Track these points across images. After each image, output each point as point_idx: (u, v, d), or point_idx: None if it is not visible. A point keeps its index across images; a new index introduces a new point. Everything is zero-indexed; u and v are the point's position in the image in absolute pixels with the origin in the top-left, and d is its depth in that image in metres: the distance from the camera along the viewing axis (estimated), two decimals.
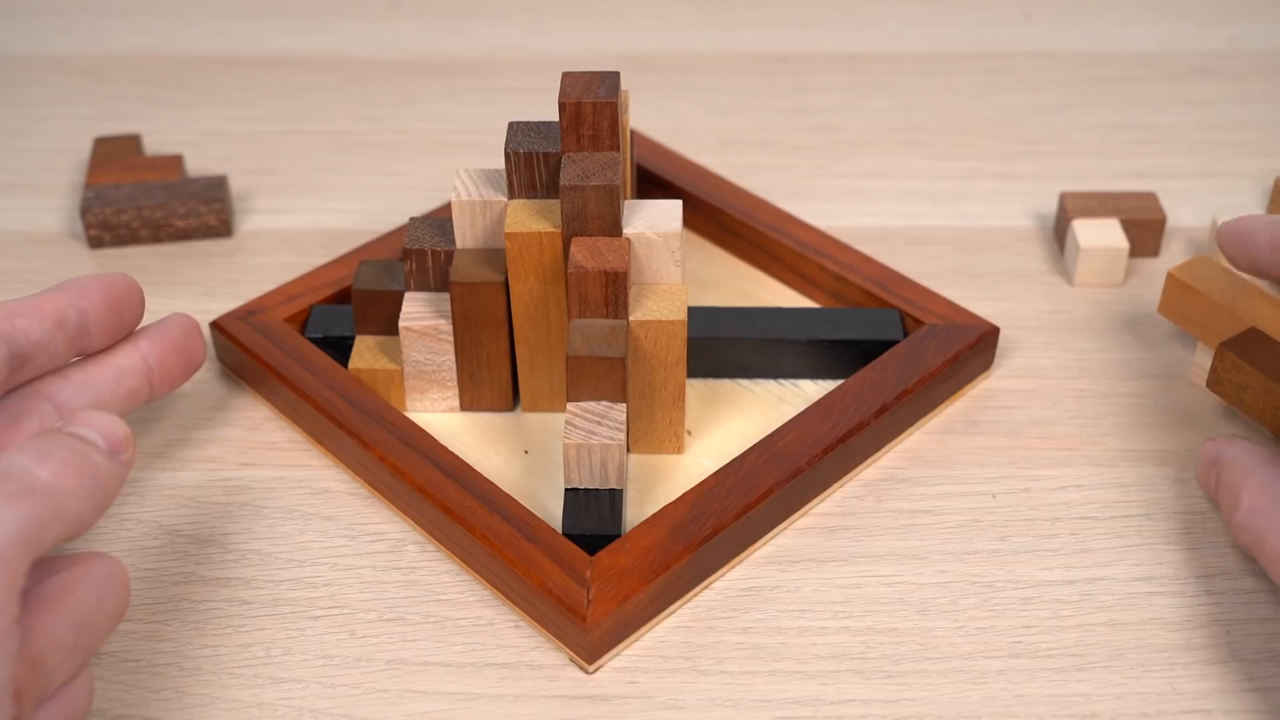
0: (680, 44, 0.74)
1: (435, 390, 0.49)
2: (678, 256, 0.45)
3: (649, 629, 0.42)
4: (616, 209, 0.44)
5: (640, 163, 0.58)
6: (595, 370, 0.43)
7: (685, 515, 0.42)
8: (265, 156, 0.65)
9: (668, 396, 0.46)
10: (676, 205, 0.46)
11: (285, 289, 0.52)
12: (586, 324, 0.44)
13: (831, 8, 0.77)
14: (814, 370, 0.50)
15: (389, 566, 0.44)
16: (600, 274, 0.43)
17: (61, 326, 0.42)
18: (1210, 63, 0.71)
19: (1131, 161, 0.64)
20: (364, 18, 0.76)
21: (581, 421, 0.43)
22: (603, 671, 0.41)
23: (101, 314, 0.43)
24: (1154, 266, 0.57)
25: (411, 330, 0.47)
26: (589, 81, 0.45)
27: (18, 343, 0.41)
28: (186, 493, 0.47)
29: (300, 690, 0.40)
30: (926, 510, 0.46)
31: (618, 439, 0.43)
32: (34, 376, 0.42)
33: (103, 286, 0.44)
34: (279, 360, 0.48)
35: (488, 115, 0.67)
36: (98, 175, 0.59)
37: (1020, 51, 0.73)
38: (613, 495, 0.43)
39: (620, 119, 0.46)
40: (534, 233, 0.45)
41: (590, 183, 0.43)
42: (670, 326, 0.45)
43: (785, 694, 0.40)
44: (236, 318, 0.50)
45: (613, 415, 0.43)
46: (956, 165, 0.64)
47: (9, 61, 0.73)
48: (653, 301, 0.45)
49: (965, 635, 0.42)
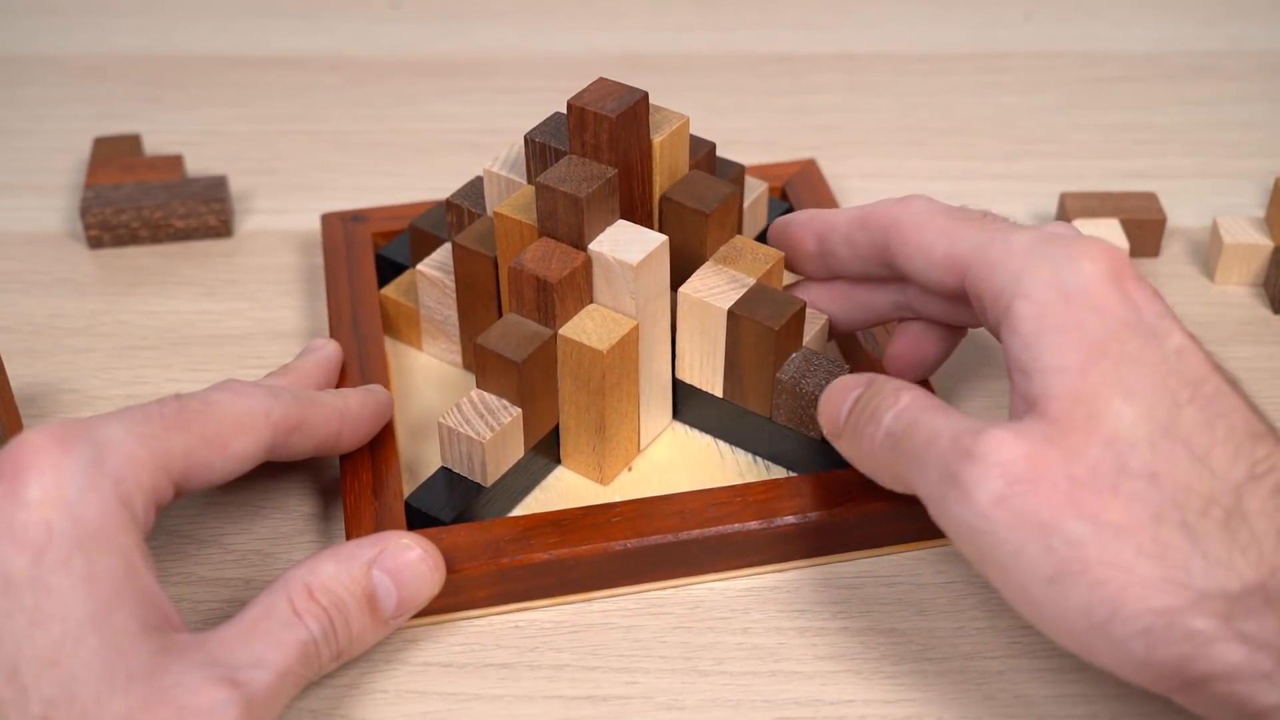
0: (680, 44, 0.74)
1: (443, 340, 0.50)
2: (632, 288, 0.43)
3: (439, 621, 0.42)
4: (580, 220, 0.43)
5: None
6: (496, 366, 0.43)
7: (505, 535, 0.42)
8: (265, 156, 0.65)
9: (590, 423, 0.45)
10: (658, 240, 0.43)
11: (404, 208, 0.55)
12: (518, 321, 0.44)
13: (831, 8, 0.77)
14: (791, 458, 0.46)
15: None
16: (533, 278, 0.43)
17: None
18: (1210, 63, 0.72)
19: (1131, 161, 0.64)
20: (364, 18, 0.76)
21: (469, 409, 0.43)
22: (603, 672, 0.41)
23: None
24: (1154, 267, 0.57)
25: (424, 275, 0.49)
26: (609, 92, 0.44)
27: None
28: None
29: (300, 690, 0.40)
30: None
31: (484, 437, 0.42)
32: None
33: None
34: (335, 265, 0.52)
35: (488, 115, 0.67)
36: (98, 175, 0.59)
37: (1020, 51, 0.73)
38: (471, 488, 0.43)
39: (649, 139, 0.45)
40: (516, 220, 0.45)
41: (561, 187, 0.43)
42: (590, 354, 0.43)
43: (785, 694, 0.40)
44: (341, 219, 0.55)
45: (500, 414, 0.43)
46: (956, 165, 0.64)
47: (9, 61, 0.73)
48: (592, 325, 0.44)
49: (965, 635, 0.42)
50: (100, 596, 0.33)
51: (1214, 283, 0.56)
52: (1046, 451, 0.35)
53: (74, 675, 0.32)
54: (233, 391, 0.39)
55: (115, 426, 0.35)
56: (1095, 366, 0.35)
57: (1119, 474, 0.34)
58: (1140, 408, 0.35)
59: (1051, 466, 0.34)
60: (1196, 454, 0.35)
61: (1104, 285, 0.37)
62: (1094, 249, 0.37)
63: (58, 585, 0.32)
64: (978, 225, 0.40)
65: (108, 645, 0.32)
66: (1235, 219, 0.57)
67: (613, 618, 0.42)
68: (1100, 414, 0.35)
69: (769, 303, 0.44)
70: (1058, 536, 0.34)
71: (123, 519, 0.34)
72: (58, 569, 0.32)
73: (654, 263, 0.44)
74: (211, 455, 0.38)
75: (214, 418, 0.38)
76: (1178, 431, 0.35)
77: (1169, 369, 0.36)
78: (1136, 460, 0.34)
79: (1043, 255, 0.38)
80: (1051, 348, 0.36)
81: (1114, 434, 0.35)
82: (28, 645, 0.32)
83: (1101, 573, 0.33)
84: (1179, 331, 0.37)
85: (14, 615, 0.32)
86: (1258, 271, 0.56)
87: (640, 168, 0.45)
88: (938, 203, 0.43)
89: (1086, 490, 0.34)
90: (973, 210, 0.42)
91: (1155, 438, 0.35)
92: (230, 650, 0.35)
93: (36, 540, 0.32)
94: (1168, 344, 0.36)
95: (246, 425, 0.39)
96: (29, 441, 0.33)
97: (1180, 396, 0.35)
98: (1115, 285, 0.37)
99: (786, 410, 0.45)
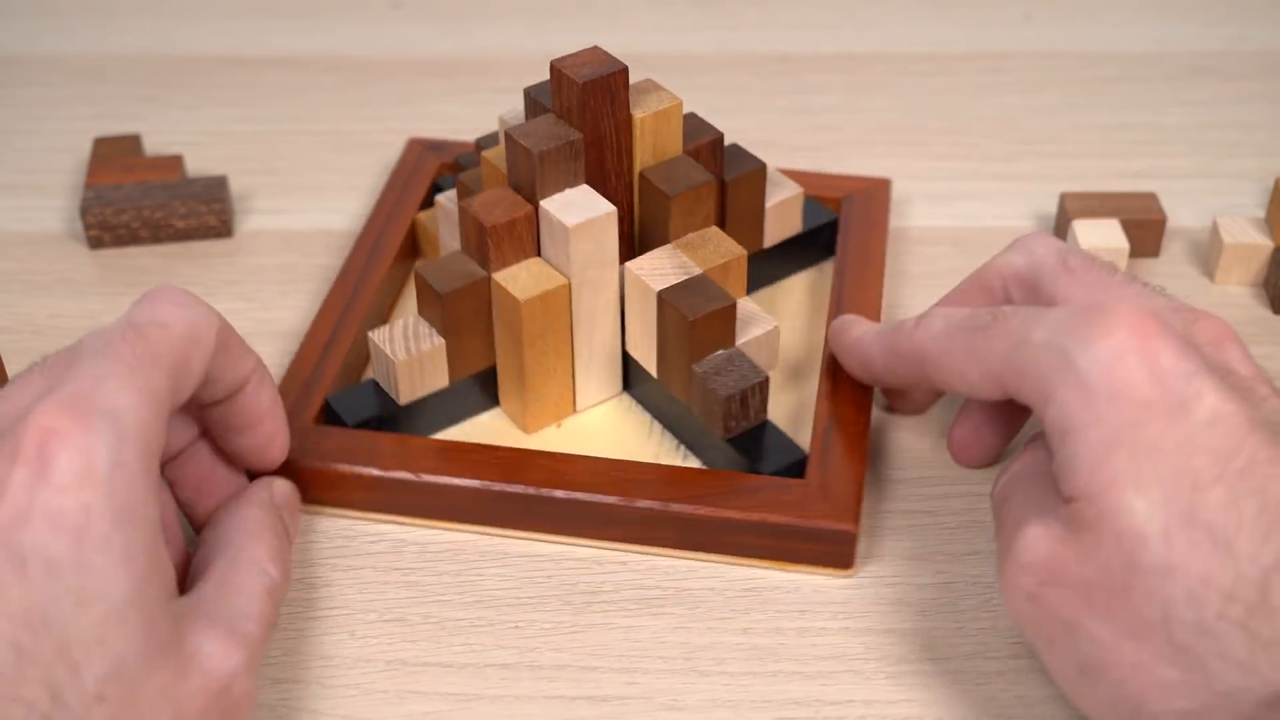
0: (680, 44, 0.74)
1: None
2: (569, 249, 0.44)
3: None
4: (533, 175, 0.44)
5: None
6: (426, 294, 0.46)
7: (389, 448, 0.45)
8: (265, 157, 0.65)
9: (513, 370, 0.47)
10: (606, 209, 0.44)
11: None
12: (461, 259, 0.46)
13: (831, 8, 0.77)
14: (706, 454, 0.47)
15: (389, 567, 0.44)
16: (475, 220, 0.44)
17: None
18: (1210, 63, 0.71)
19: (1131, 162, 0.64)
20: (364, 18, 0.76)
21: (399, 330, 0.47)
22: (603, 673, 0.41)
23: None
24: (1154, 267, 0.57)
25: (440, 205, 0.52)
26: (592, 60, 0.45)
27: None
28: None
29: (300, 691, 0.40)
30: (926, 511, 0.46)
31: (399, 358, 0.46)
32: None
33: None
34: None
35: (488, 115, 0.67)
36: (98, 175, 0.59)
37: (1020, 51, 0.73)
38: (386, 402, 0.47)
39: (628, 113, 0.46)
40: (496, 167, 0.47)
41: (523, 141, 0.44)
42: (511, 301, 0.45)
43: (785, 695, 0.40)
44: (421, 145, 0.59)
45: (423, 341, 0.46)
46: (956, 165, 0.64)
47: (9, 61, 0.73)
48: (526, 275, 0.45)
49: (965, 636, 0.42)
50: (137, 573, 0.33)
51: (1214, 283, 0.56)
52: (1063, 553, 0.35)
53: (120, 652, 0.32)
54: (173, 302, 0.38)
55: (115, 390, 0.35)
56: (1108, 462, 0.34)
57: (1130, 571, 0.33)
58: (1154, 498, 0.33)
59: (1069, 569, 0.35)
60: (1219, 541, 0.33)
61: (1124, 363, 0.35)
62: (1111, 321, 0.35)
63: (99, 565, 0.33)
64: (998, 333, 0.39)
65: (146, 619, 0.33)
66: (1235, 219, 0.57)
67: (613, 618, 0.42)
68: (1111, 511, 0.34)
69: (699, 295, 0.45)
70: (1081, 635, 0.34)
71: (148, 488, 0.34)
72: (100, 550, 0.33)
73: (596, 230, 0.44)
74: (183, 382, 0.37)
75: (175, 340, 0.37)
76: (1199, 517, 0.33)
77: (1196, 446, 0.34)
78: (1149, 556, 0.33)
79: (1060, 351, 0.36)
80: (1072, 449, 0.35)
81: (1125, 530, 0.34)
82: (75, 626, 0.32)
83: (1120, 673, 0.34)
84: (1212, 392, 0.34)
85: (60, 597, 0.32)
86: (1258, 272, 0.56)
87: (615, 139, 0.46)
88: (954, 314, 0.41)
89: (1100, 591, 0.34)
90: (981, 313, 0.40)
91: (1171, 529, 0.33)
92: (218, 606, 0.37)
93: (76, 523, 0.32)
94: (1196, 414, 0.34)
95: (199, 337, 0.38)
96: (44, 423, 0.33)
97: (1204, 477, 0.33)
98: (1138, 357, 0.35)
99: (698, 404, 0.45)
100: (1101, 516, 0.34)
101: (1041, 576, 0.35)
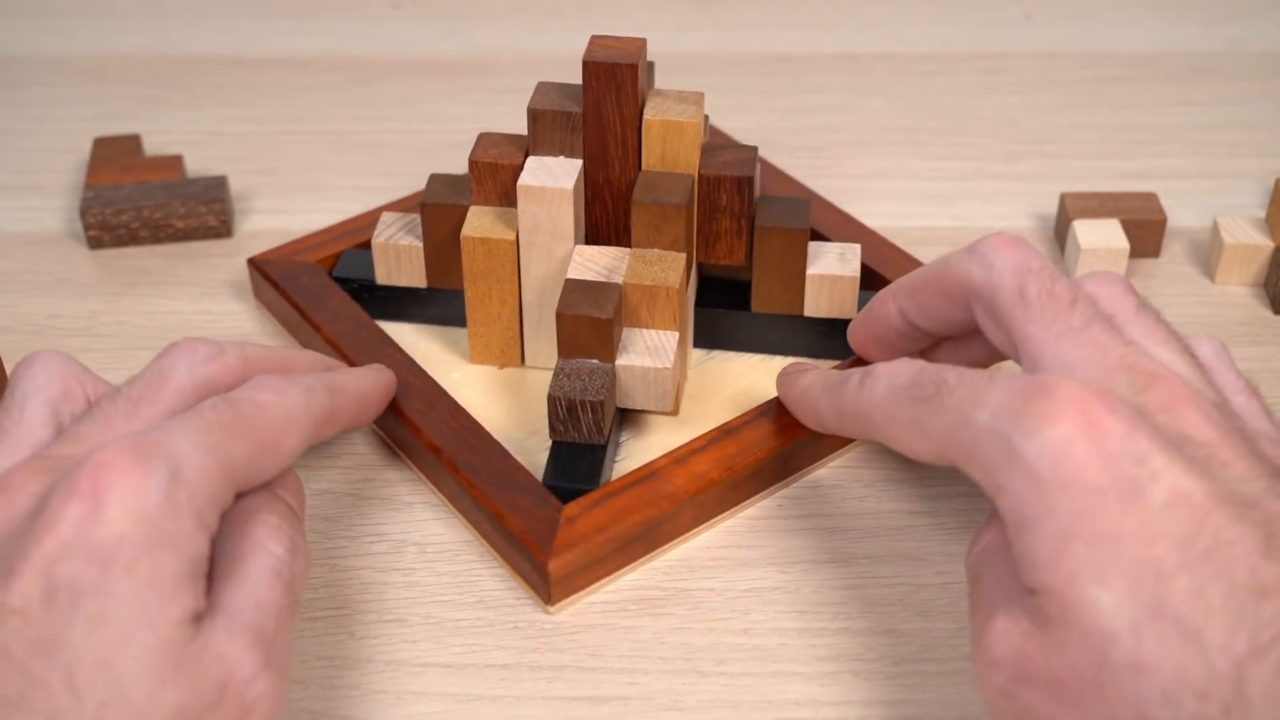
0: (680, 44, 0.74)
1: None
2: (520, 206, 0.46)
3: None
4: (532, 131, 0.47)
5: None
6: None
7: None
8: (265, 157, 0.65)
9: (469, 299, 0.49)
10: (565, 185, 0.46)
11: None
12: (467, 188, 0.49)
13: (831, 8, 0.77)
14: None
15: (389, 568, 0.44)
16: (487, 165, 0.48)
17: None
18: (1210, 63, 0.72)
19: (1131, 162, 0.64)
20: (364, 18, 0.76)
21: (398, 223, 0.51)
22: (603, 673, 0.41)
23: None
24: (1154, 267, 0.57)
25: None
26: (616, 48, 0.46)
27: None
28: None
29: (300, 691, 0.40)
30: (925, 511, 0.46)
31: (378, 240, 0.51)
32: None
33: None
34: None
35: (488, 115, 0.67)
36: (97, 176, 0.59)
37: (1020, 51, 0.73)
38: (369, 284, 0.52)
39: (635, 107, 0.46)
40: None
41: (531, 100, 0.47)
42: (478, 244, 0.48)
43: (785, 695, 0.40)
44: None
45: (404, 235, 0.51)
46: (956, 165, 0.64)
47: (9, 61, 0.73)
48: (489, 218, 0.48)
49: (965, 636, 0.42)
50: (163, 592, 0.33)
51: (1214, 283, 0.56)
52: (1031, 650, 0.33)
53: (125, 673, 0.32)
54: (274, 391, 0.39)
55: (183, 439, 0.35)
56: (1066, 554, 0.32)
57: (1101, 670, 0.32)
58: (1118, 590, 0.32)
59: (1038, 667, 0.33)
60: (1189, 633, 0.31)
61: (1073, 450, 0.33)
62: (1055, 405, 0.33)
63: (120, 589, 0.32)
64: (941, 408, 0.36)
65: (160, 639, 0.33)
66: (1235, 219, 0.57)
67: (613, 618, 0.42)
68: (1075, 606, 0.32)
69: (586, 301, 0.45)
70: None
71: (193, 529, 0.34)
72: (123, 574, 0.32)
73: (547, 198, 0.46)
74: (267, 459, 0.38)
75: (265, 420, 0.38)
76: (1166, 609, 0.31)
77: (1155, 532, 0.32)
78: (1118, 653, 0.31)
79: (1005, 440, 0.34)
80: (1028, 542, 0.33)
81: (1091, 627, 0.32)
82: (84, 650, 0.32)
83: None
84: (1167, 470, 0.32)
85: (75, 624, 0.32)
86: (1258, 272, 0.56)
87: (619, 129, 0.46)
88: (897, 377, 0.39)
89: (1072, 690, 0.33)
90: (925, 379, 0.37)
91: (1139, 622, 0.31)
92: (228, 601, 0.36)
93: (107, 552, 0.33)
94: (1153, 497, 0.32)
95: (292, 424, 0.39)
96: (105, 460, 0.33)
97: (1167, 565, 0.31)
98: (1086, 441, 0.33)
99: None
100: (1065, 611, 0.32)
101: (1012, 673, 0.34)
